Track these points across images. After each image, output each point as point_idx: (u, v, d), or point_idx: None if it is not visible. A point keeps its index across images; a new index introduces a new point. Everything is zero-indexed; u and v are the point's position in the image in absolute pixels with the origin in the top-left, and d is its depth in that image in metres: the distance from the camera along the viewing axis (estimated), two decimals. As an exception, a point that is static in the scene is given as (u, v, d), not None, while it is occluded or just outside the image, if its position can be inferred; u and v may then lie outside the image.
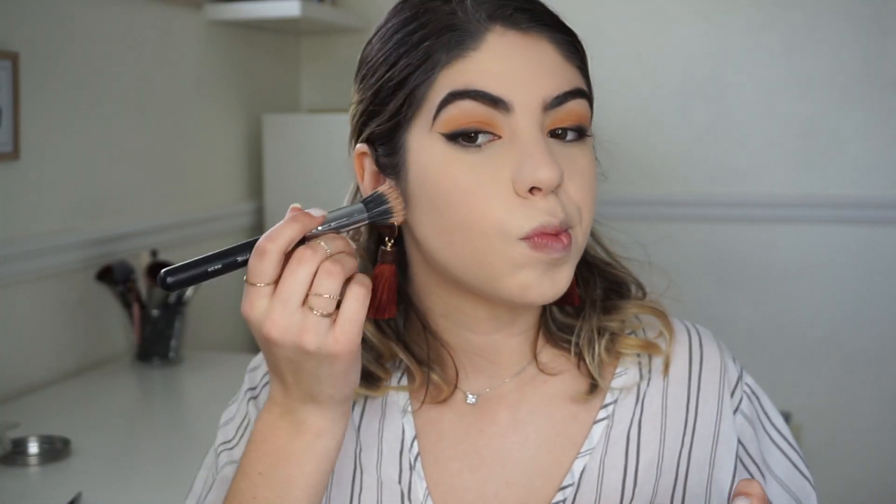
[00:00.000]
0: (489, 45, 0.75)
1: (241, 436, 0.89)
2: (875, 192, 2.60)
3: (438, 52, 0.75)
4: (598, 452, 0.83)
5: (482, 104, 0.73)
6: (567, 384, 0.86)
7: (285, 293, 0.69)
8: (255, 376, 0.92)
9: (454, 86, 0.74)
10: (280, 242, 0.69)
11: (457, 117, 0.74)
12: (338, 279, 0.69)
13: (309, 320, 0.69)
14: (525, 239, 0.73)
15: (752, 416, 0.88)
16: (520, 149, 0.73)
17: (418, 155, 0.76)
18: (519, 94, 0.74)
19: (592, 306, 0.86)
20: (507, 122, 0.74)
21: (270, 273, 0.69)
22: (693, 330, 0.90)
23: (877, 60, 2.57)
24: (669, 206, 2.75)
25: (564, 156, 0.75)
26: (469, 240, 0.75)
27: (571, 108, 0.76)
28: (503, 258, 0.74)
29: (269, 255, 0.69)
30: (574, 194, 0.75)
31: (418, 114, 0.76)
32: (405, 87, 0.76)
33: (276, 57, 2.90)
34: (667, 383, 0.86)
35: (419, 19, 0.77)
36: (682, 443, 0.84)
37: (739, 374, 0.89)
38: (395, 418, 0.86)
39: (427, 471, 0.84)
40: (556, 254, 0.74)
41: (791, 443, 0.89)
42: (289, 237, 0.70)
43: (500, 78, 0.74)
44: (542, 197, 0.73)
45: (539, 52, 0.76)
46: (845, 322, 2.65)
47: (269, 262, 0.69)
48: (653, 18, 2.73)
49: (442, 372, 0.85)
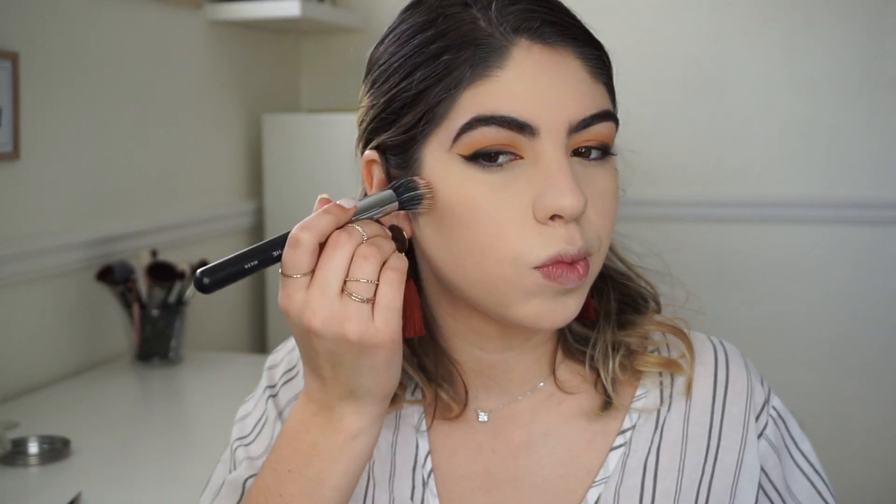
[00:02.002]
0: (515, 63, 0.71)
1: (259, 432, 0.88)
2: (875, 192, 2.60)
3: (460, 69, 0.71)
4: (613, 481, 0.80)
5: (507, 129, 0.70)
6: (583, 403, 0.83)
7: (323, 281, 0.67)
8: (273, 374, 0.91)
9: (479, 110, 0.70)
10: (314, 232, 0.68)
11: (479, 141, 0.70)
12: (375, 262, 0.68)
13: (349, 307, 0.67)
14: (539, 268, 0.71)
15: (778, 441, 0.84)
16: (543, 172, 0.70)
17: (434, 173, 0.73)
18: (545, 118, 0.70)
19: (607, 318, 0.83)
20: (530, 144, 0.71)
21: (306, 263, 0.68)
22: (720, 349, 0.86)
23: (877, 60, 2.57)
24: (669, 206, 2.75)
25: (586, 177, 0.73)
26: (480, 266, 0.72)
27: (598, 130, 0.73)
28: (515, 286, 0.72)
29: (304, 245, 0.68)
30: (595, 220, 0.73)
31: (437, 131, 0.72)
32: (423, 101, 0.72)
33: (276, 57, 2.90)
34: (689, 406, 0.83)
35: (437, 26, 0.73)
36: (703, 471, 0.81)
37: (766, 396, 0.85)
38: (409, 433, 0.84)
39: (440, 488, 0.82)
40: (569, 284, 0.71)
41: (818, 470, 0.86)
42: (322, 227, 0.68)
43: (526, 101, 0.70)
44: (562, 224, 0.70)
45: (566, 68, 0.72)
46: (845, 322, 2.65)
47: (304, 251, 0.68)
48: (653, 18, 2.73)
49: (451, 389, 0.83)
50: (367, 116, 0.78)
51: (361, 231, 0.69)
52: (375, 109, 0.77)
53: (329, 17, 2.67)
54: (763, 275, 2.71)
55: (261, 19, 2.56)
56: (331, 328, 0.67)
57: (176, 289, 2.08)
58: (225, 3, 2.52)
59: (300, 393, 0.86)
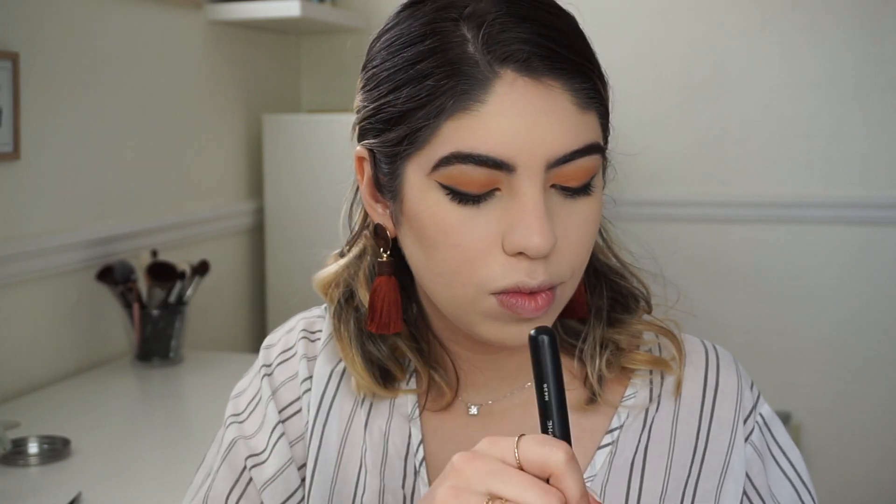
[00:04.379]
0: (497, 98, 0.70)
1: (252, 410, 0.89)
2: (875, 192, 2.60)
3: (444, 97, 0.70)
4: (599, 479, 0.80)
5: (484, 167, 0.70)
6: (571, 400, 0.82)
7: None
8: (269, 354, 0.91)
9: (458, 146, 0.70)
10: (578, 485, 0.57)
11: (456, 177, 0.71)
12: None
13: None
14: (496, 294, 0.72)
15: (763, 448, 0.84)
16: (517, 209, 0.70)
17: (413, 192, 0.74)
18: (522, 155, 0.70)
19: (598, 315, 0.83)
20: (507, 178, 0.70)
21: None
22: (712, 352, 0.86)
23: (876, 60, 2.57)
24: (669, 206, 2.75)
25: (566, 207, 0.73)
26: (448, 286, 0.74)
27: (580, 165, 0.72)
28: (475, 309, 0.73)
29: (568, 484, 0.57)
30: (567, 252, 0.73)
31: (418, 155, 0.73)
32: (406, 122, 0.72)
33: (276, 57, 2.90)
34: (678, 407, 0.82)
35: (427, 41, 0.72)
36: (690, 472, 0.81)
37: (755, 402, 0.85)
38: (402, 422, 0.85)
39: (431, 477, 0.83)
40: (526, 314, 0.72)
41: (803, 478, 0.85)
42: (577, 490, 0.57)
43: (504, 139, 0.69)
44: (526, 259, 0.71)
45: (551, 103, 0.70)
46: (845, 322, 2.65)
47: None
48: (653, 19, 2.73)
49: (445, 375, 0.84)
50: (359, 111, 0.79)
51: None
52: (366, 112, 0.77)
53: (329, 17, 2.67)
54: (762, 274, 2.71)
55: (261, 19, 2.56)
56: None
57: (176, 289, 2.08)
58: (225, 3, 2.52)
59: (295, 374, 0.88)
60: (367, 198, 0.80)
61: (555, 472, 0.57)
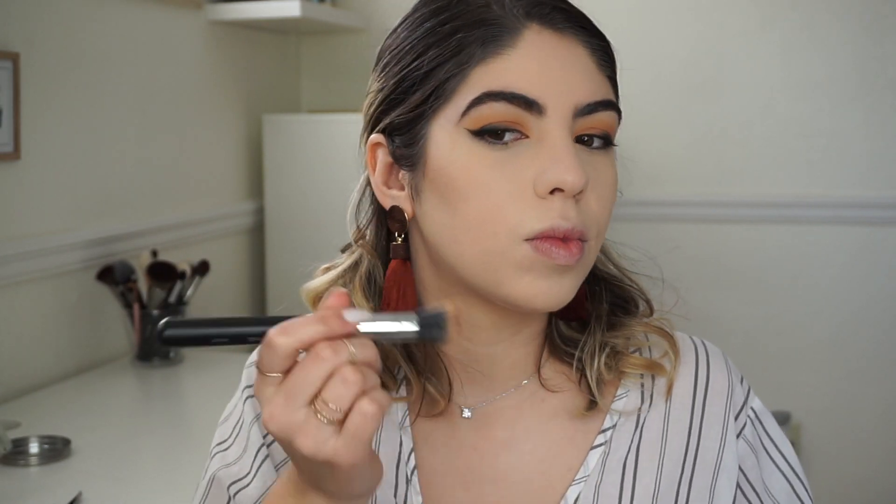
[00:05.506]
0: (525, 44, 0.73)
1: (236, 436, 0.87)
2: (875, 192, 2.60)
3: (472, 46, 0.73)
4: (593, 480, 0.81)
5: (515, 106, 0.72)
6: (566, 402, 0.83)
7: (292, 389, 0.62)
8: (252, 373, 0.89)
9: (490, 86, 0.72)
10: (292, 340, 0.63)
11: (487, 116, 0.72)
12: (352, 390, 0.61)
13: (310, 424, 0.62)
14: (530, 240, 0.72)
15: (755, 442, 0.85)
16: (548, 151, 0.72)
17: (440, 148, 0.74)
18: (553, 98, 0.73)
19: (598, 321, 0.83)
20: (537, 123, 0.73)
21: (277, 367, 0.63)
22: (702, 349, 0.86)
23: (876, 61, 2.57)
24: (669, 206, 2.75)
25: (589, 163, 0.74)
26: (477, 240, 0.73)
27: (601, 118, 0.75)
28: (507, 259, 0.72)
29: (277, 350, 0.63)
30: (594, 205, 0.74)
31: (445, 107, 0.74)
32: (433, 77, 0.74)
33: (276, 57, 2.90)
34: (669, 406, 0.83)
35: (451, 10, 0.75)
36: (683, 469, 0.81)
37: (746, 396, 0.85)
38: (393, 430, 0.84)
39: (422, 484, 0.82)
40: (560, 259, 0.72)
41: (796, 471, 0.86)
42: (305, 337, 0.63)
43: (535, 80, 0.72)
44: (560, 198, 0.72)
45: (574, 54, 0.75)
46: (845, 322, 2.65)
47: (277, 356, 0.63)
48: (653, 19, 2.73)
49: (438, 383, 0.82)
50: (375, 100, 0.80)
51: (352, 351, 0.63)
52: (385, 91, 0.78)
53: (329, 17, 2.67)
54: (762, 274, 2.71)
55: (261, 19, 2.56)
56: (285, 436, 0.63)
57: (176, 289, 2.08)
58: (225, 3, 2.52)
59: None
60: (380, 186, 0.80)
61: (303, 339, 0.63)
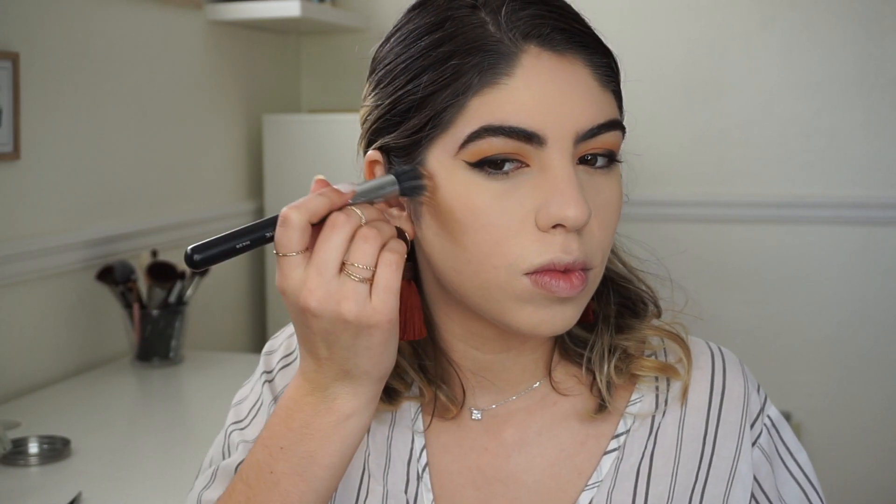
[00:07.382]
0: (524, 71, 0.70)
1: (254, 417, 0.88)
2: (875, 192, 2.60)
3: (469, 74, 0.70)
4: (605, 485, 0.80)
5: (515, 139, 0.70)
6: (577, 405, 0.83)
7: (321, 260, 0.68)
8: (270, 360, 0.91)
9: (488, 119, 0.70)
10: (304, 212, 0.68)
11: (486, 150, 0.70)
12: (374, 244, 0.68)
13: (347, 287, 0.67)
14: (529, 274, 0.71)
15: (771, 450, 0.84)
16: (550, 182, 0.70)
17: (438, 177, 0.72)
18: (553, 127, 0.70)
19: (605, 321, 0.82)
20: (537, 153, 0.70)
21: (296, 241, 0.68)
22: (718, 355, 0.85)
23: (876, 60, 2.57)
24: (669, 206, 2.75)
25: (592, 186, 0.73)
26: (477, 273, 0.72)
27: (604, 140, 0.73)
28: (507, 293, 0.72)
29: (293, 223, 0.68)
30: (597, 230, 0.72)
31: (442, 137, 0.72)
32: (429, 106, 0.72)
33: (276, 57, 2.90)
34: (684, 412, 0.82)
35: (445, 28, 0.72)
36: (697, 478, 0.80)
37: (762, 405, 0.84)
38: (405, 429, 0.84)
39: (433, 482, 0.83)
40: (560, 292, 0.71)
41: (812, 481, 0.85)
42: (314, 208, 0.69)
43: (534, 110, 0.70)
44: (561, 232, 0.70)
45: (575, 76, 0.72)
46: (845, 322, 2.65)
47: (294, 229, 0.68)
48: (652, 18, 2.73)
49: (449, 391, 0.82)
50: (370, 116, 0.78)
51: (360, 213, 0.69)
52: (380, 110, 0.76)
53: (329, 17, 2.67)
54: (762, 274, 2.71)
55: (261, 19, 2.56)
56: (328, 307, 0.68)
57: (176, 289, 2.08)
58: (225, 3, 2.52)
59: None
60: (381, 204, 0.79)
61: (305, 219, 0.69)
